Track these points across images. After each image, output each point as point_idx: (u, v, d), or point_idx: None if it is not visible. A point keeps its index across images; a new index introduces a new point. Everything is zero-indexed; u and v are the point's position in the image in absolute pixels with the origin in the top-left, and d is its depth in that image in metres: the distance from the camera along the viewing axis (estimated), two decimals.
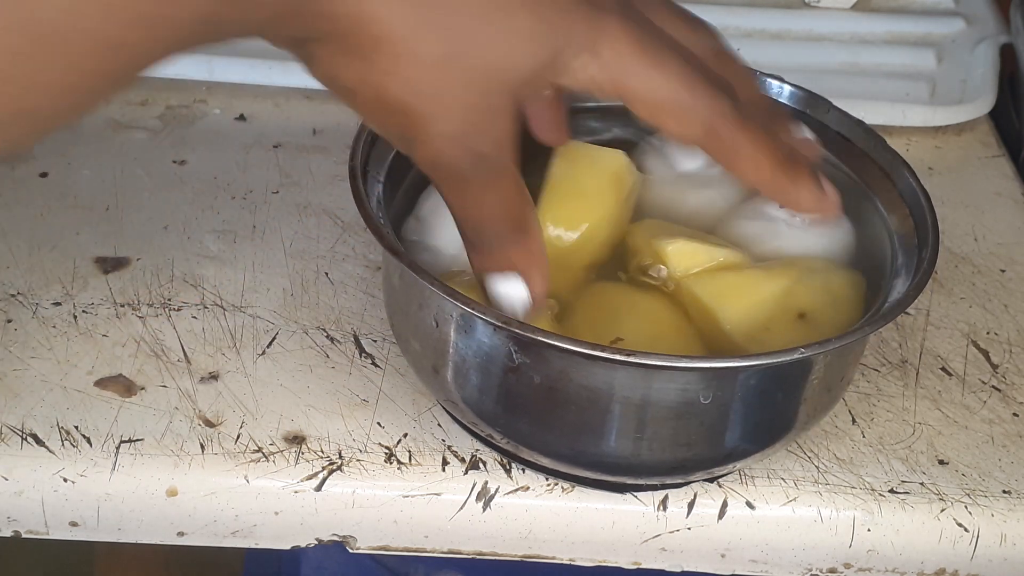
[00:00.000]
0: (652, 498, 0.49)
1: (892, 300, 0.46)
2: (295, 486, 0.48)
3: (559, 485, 0.49)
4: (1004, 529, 0.49)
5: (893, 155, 0.51)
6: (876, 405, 0.53)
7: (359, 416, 0.51)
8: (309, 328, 0.55)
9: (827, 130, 0.54)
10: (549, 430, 0.45)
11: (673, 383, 0.43)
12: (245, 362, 0.53)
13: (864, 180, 0.52)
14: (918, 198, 0.49)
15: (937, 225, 0.48)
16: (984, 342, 0.57)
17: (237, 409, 0.51)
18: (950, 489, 0.50)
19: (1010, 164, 0.70)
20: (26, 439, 0.49)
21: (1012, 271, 0.62)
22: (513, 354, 0.44)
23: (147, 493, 0.48)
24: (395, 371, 0.53)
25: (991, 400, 0.54)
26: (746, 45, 0.77)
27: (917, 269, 0.46)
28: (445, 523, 0.49)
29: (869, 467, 0.51)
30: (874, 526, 0.49)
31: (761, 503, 0.49)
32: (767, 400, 0.45)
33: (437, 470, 0.49)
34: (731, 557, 0.50)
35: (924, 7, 0.83)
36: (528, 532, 0.49)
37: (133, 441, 0.49)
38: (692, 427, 0.44)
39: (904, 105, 0.71)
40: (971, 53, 0.77)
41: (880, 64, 0.76)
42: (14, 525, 0.49)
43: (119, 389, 0.51)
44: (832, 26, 0.80)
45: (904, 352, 0.56)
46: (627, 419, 0.44)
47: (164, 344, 0.53)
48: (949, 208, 0.66)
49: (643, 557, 0.50)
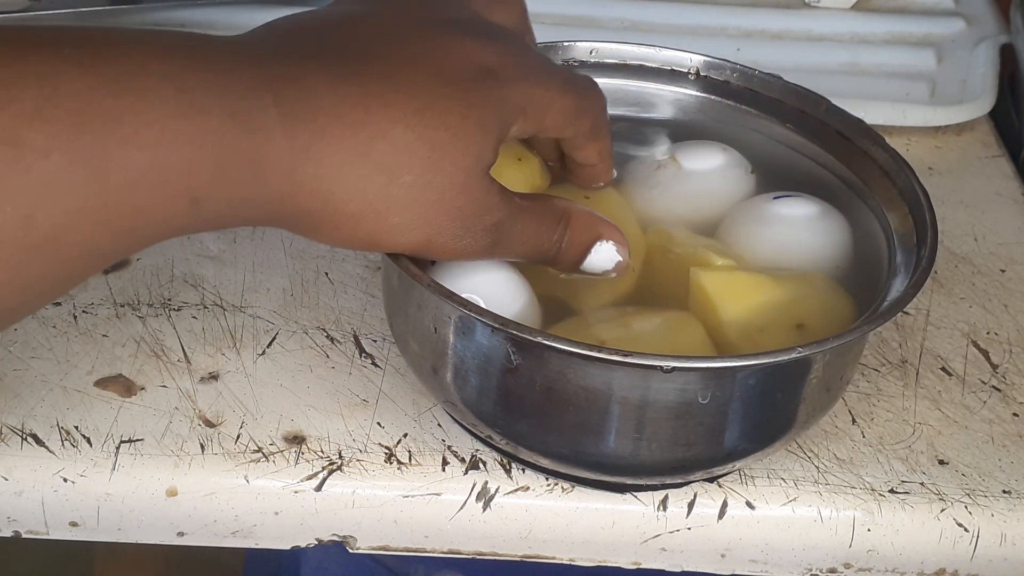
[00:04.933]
0: (652, 498, 0.49)
1: (891, 299, 0.46)
2: (295, 486, 0.48)
3: (559, 485, 0.49)
4: (1004, 529, 0.49)
5: (892, 153, 0.51)
6: (876, 405, 0.53)
7: (359, 416, 0.51)
8: (309, 328, 0.55)
9: (825, 128, 0.54)
10: (548, 431, 0.45)
11: (672, 383, 0.43)
12: (245, 362, 0.53)
13: (862, 178, 0.52)
14: (917, 196, 0.49)
15: (936, 224, 0.48)
16: (984, 342, 0.57)
17: (237, 409, 0.51)
18: (950, 489, 0.50)
19: (1010, 164, 0.70)
20: (26, 439, 0.49)
21: (1012, 271, 0.62)
22: (511, 355, 0.43)
23: (147, 493, 0.48)
24: (395, 371, 0.53)
25: (991, 400, 0.54)
26: (746, 45, 0.77)
27: (916, 268, 0.46)
28: (445, 523, 0.49)
29: (869, 467, 0.51)
30: (874, 526, 0.49)
31: (761, 503, 0.49)
32: (766, 400, 0.45)
33: (437, 470, 0.49)
34: (731, 557, 0.50)
35: (924, 7, 0.83)
36: (528, 532, 0.49)
37: (133, 441, 0.49)
38: (691, 427, 0.44)
39: (904, 105, 0.71)
40: (971, 53, 0.77)
41: (880, 64, 0.76)
42: (14, 525, 0.49)
43: (119, 389, 0.51)
44: (832, 26, 0.80)
45: (904, 352, 0.56)
46: (627, 419, 0.44)
47: (164, 344, 0.53)
48: (949, 208, 0.66)
49: (643, 557, 0.50)
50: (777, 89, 0.55)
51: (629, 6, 0.80)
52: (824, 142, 0.54)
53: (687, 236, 0.51)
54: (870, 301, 0.47)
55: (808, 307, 0.48)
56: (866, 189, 0.52)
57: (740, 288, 0.48)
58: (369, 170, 0.39)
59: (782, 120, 0.55)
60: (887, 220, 0.51)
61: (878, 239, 0.51)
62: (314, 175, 0.38)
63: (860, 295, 0.49)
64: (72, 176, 0.33)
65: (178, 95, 0.35)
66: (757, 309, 0.47)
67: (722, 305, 0.47)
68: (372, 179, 0.39)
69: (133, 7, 0.75)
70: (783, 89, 0.55)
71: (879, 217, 0.51)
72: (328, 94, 0.38)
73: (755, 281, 0.48)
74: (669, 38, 0.59)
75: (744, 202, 0.53)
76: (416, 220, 0.40)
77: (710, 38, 0.78)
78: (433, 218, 0.41)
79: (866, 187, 0.52)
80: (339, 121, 0.38)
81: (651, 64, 0.56)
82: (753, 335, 0.47)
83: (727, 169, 0.54)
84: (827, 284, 0.50)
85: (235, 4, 0.77)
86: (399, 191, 0.39)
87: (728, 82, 0.56)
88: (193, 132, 0.35)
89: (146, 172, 0.35)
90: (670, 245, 0.51)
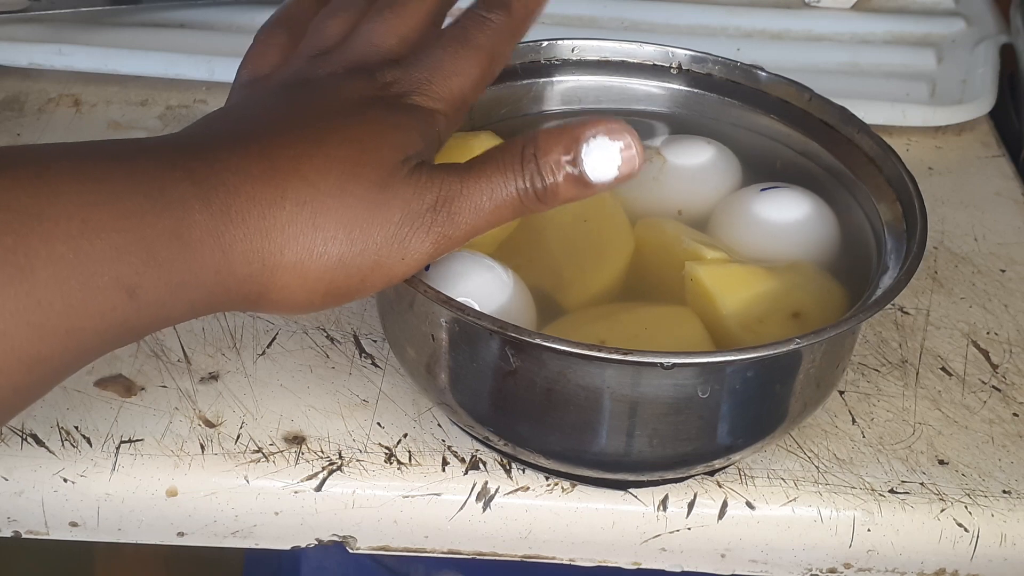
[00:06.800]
0: (652, 498, 0.49)
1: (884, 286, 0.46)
2: (295, 486, 0.48)
3: (559, 485, 0.49)
4: (1004, 529, 0.49)
5: (877, 140, 0.51)
6: (876, 405, 0.53)
7: (359, 416, 0.51)
8: (309, 328, 0.55)
9: (809, 118, 0.54)
10: (549, 431, 0.45)
11: (670, 379, 0.43)
12: (245, 362, 0.53)
13: (849, 167, 0.52)
14: (905, 183, 0.49)
15: (925, 210, 0.48)
16: (984, 342, 0.57)
17: (237, 409, 0.51)
18: (950, 489, 0.50)
19: (1010, 164, 0.70)
20: (26, 439, 0.49)
21: (1012, 271, 0.62)
22: (510, 358, 0.43)
23: (147, 493, 0.48)
24: (395, 371, 0.53)
25: (991, 400, 0.54)
26: (746, 45, 0.77)
27: (907, 256, 0.46)
28: (445, 523, 0.49)
29: (869, 467, 0.51)
30: (874, 526, 0.49)
31: (761, 503, 0.49)
32: (766, 391, 0.45)
33: (437, 470, 0.49)
34: (731, 557, 0.50)
35: (924, 7, 0.83)
36: (528, 532, 0.49)
37: (133, 441, 0.49)
38: (692, 421, 0.45)
39: (904, 105, 0.71)
40: (971, 53, 0.77)
41: (880, 64, 0.76)
42: (14, 525, 0.49)
43: (119, 389, 0.51)
44: (832, 26, 0.80)
45: (904, 352, 0.56)
46: (629, 417, 0.44)
47: (164, 344, 0.53)
48: (949, 208, 0.66)
49: (643, 557, 0.50)
50: (760, 80, 0.55)
51: (629, 6, 0.80)
52: (810, 132, 0.54)
53: (677, 229, 0.51)
54: (860, 288, 0.47)
55: (803, 296, 0.48)
56: (853, 177, 0.52)
57: (737, 280, 0.48)
58: (290, 211, 0.39)
59: (767, 111, 0.55)
60: (875, 208, 0.51)
61: (866, 227, 0.51)
62: (242, 237, 0.38)
63: (850, 282, 0.49)
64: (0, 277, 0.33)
65: (93, 185, 0.35)
66: (755, 300, 0.47)
67: (721, 298, 0.47)
68: (295, 219, 0.39)
69: (133, 7, 0.75)
70: (766, 80, 0.55)
71: (866, 205, 0.51)
72: (231, 155, 0.39)
73: (751, 272, 0.48)
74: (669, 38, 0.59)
75: (732, 194, 0.53)
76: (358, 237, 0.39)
77: (710, 38, 0.78)
78: (371, 228, 0.39)
79: (853, 175, 0.52)
80: (248, 176, 0.38)
81: (634, 60, 0.56)
82: (753, 326, 0.47)
83: (713, 163, 0.54)
84: (818, 273, 0.50)
85: (235, 4, 0.77)
86: (326, 219, 0.39)
87: (711, 75, 0.56)
88: (113, 218, 0.35)
89: (74, 264, 0.34)
90: (660, 238, 0.51)
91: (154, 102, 0.70)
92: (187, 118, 0.68)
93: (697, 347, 0.46)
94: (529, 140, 0.41)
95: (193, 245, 0.37)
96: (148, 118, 0.68)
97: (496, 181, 0.41)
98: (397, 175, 0.40)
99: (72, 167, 0.36)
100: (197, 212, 0.37)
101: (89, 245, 0.35)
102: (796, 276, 0.49)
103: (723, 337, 0.47)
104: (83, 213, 0.35)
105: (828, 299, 0.49)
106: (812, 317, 0.47)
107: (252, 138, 0.40)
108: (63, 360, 0.36)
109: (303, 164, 0.39)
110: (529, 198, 0.41)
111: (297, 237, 0.39)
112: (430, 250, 0.41)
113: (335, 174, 0.39)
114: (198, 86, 0.71)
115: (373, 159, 0.40)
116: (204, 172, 0.38)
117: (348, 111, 0.41)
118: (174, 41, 0.73)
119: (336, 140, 0.40)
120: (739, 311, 0.47)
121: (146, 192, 0.36)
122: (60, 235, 0.34)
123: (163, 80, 0.70)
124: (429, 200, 0.40)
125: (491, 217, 0.41)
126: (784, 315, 0.47)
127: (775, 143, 0.55)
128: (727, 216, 0.52)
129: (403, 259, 0.40)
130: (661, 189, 0.53)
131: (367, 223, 0.39)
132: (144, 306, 0.36)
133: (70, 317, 0.35)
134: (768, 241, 0.51)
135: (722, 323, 0.47)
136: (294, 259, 0.39)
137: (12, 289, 0.33)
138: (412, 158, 0.41)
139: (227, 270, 0.38)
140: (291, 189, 0.39)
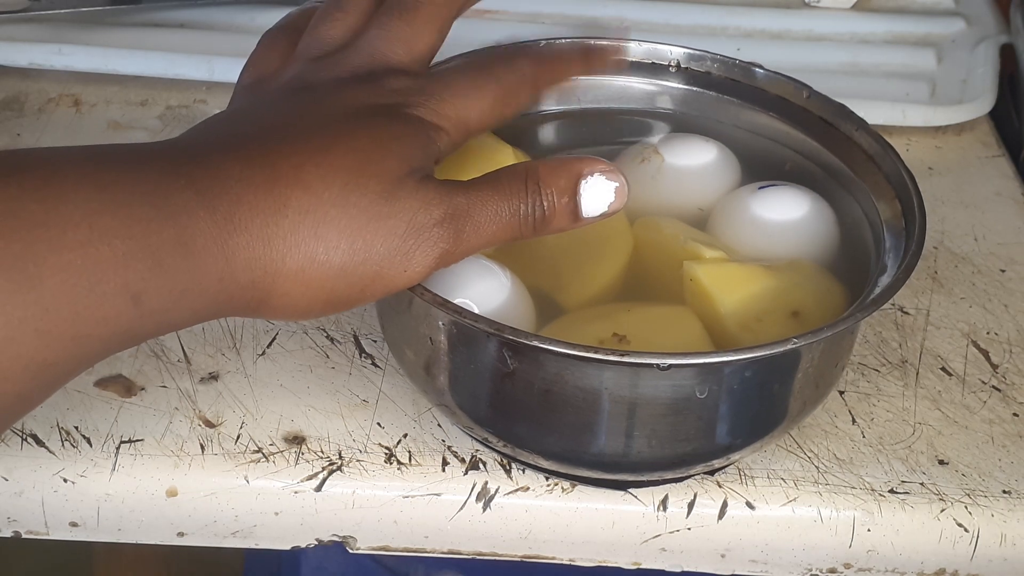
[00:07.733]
0: (652, 498, 0.49)
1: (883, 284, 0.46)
2: (295, 486, 0.48)
3: (559, 485, 0.49)
4: (1004, 529, 0.49)
5: (876, 137, 0.51)
6: (876, 405, 0.53)
7: (359, 416, 0.51)
8: (309, 328, 0.55)
9: (808, 116, 0.54)
10: (548, 432, 0.45)
11: (668, 380, 0.43)
12: (245, 362, 0.53)
13: (848, 164, 0.52)
14: (904, 180, 0.49)
15: (924, 207, 0.48)
16: (984, 342, 0.57)
17: (237, 409, 0.51)
18: (950, 489, 0.50)
19: (1010, 164, 0.70)
20: (26, 439, 0.49)
21: (1012, 271, 0.62)
22: (508, 360, 0.43)
23: (147, 493, 0.48)
24: (395, 371, 0.53)
25: (991, 400, 0.54)
26: (746, 45, 0.77)
27: (905, 254, 0.46)
28: (445, 523, 0.49)
29: (869, 467, 0.51)
30: (874, 526, 0.49)
31: (761, 503, 0.49)
32: (764, 391, 0.45)
33: (437, 470, 0.49)
34: (731, 557, 0.50)
35: (924, 7, 0.83)
36: (528, 532, 0.49)
37: (133, 441, 0.49)
38: (691, 422, 0.45)
39: (904, 105, 0.71)
40: (971, 53, 0.77)
41: (880, 64, 0.76)
42: (14, 525, 0.49)
43: (119, 389, 0.51)
44: (832, 26, 0.80)
45: (904, 352, 0.56)
46: (627, 418, 0.44)
47: (164, 344, 0.53)
48: (949, 208, 0.66)
49: (643, 557, 0.50)
50: (758, 78, 0.55)
51: (629, 6, 0.80)
52: (808, 129, 0.54)
53: (675, 228, 0.51)
54: (859, 286, 0.47)
55: (802, 294, 0.48)
56: (852, 175, 0.52)
57: (736, 279, 0.48)
58: (292, 220, 0.39)
59: (765, 109, 0.55)
60: (874, 206, 0.51)
61: (864, 225, 0.51)
62: (245, 244, 0.38)
63: (849, 281, 0.49)
64: (7, 285, 0.33)
65: (99, 192, 0.36)
66: (754, 299, 0.47)
67: (719, 297, 0.47)
68: (298, 227, 0.39)
69: (133, 7, 0.75)
70: (764, 78, 0.55)
71: (865, 203, 0.51)
72: (235, 163, 0.39)
73: (749, 271, 0.48)
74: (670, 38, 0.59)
75: (730, 193, 0.53)
76: (361, 247, 0.39)
77: (710, 38, 0.78)
78: (374, 239, 0.40)
79: (852, 173, 0.52)
80: (251, 185, 0.38)
81: (632, 58, 0.56)
82: (752, 325, 0.47)
83: (711, 161, 0.54)
84: (817, 271, 0.50)
85: (235, 4, 0.77)
86: (328, 229, 0.39)
87: (709, 73, 0.56)
88: (120, 225, 0.35)
89: (81, 271, 0.35)
90: (659, 238, 0.51)
91: (154, 102, 0.70)
92: (187, 118, 0.68)
93: (696, 346, 0.46)
94: (532, 169, 0.43)
95: (197, 253, 0.37)
96: (148, 118, 0.68)
97: (500, 203, 0.42)
98: (403, 187, 0.40)
99: (77, 173, 0.36)
100: (202, 220, 0.37)
101: (96, 252, 0.35)
102: (795, 275, 0.49)
103: (722, 336, 0.47)
104: (89, 220, 0.35)
105: (827, 297, 0.49)
106: (811, 316, 0.47)
107: (255, 145, 0.40)
108: (67, 366, 0.36)
109: (306, 173, 0.39)
110: (527, 224, 0.42)
111: (299, 245, 0.39)
112: (432, 264, 0.41)
113: (338, 184, 0.39)
114: (198, 86, 0.71)
115: (377, 170, 0.40)
116: (208, 181, 0.38)
117: (352, 118, 0.41)
118: (174, 41, 0.73)
119: (340, 149, 0.40)
120: (738, 310, 0.47)
121: (151, 200, 0.36)
122: (68, 242, 0.34)
123: (163, 80, 0.70)
124: (437, 215, 0.41)
125: (491, 238, 0.42)
126: (783, 314, 0.47)
127: (774, 141, 0.55)
128: (725, 215, 0.52)
129: (405, 271, 0.41)
130: (659, 188, 0.53)
131: (370, 234, 0.40)
132: (148, 313, 0.36)
133: (76, 324, 0.35)
134: (767, 240, 0.51)
135: (721, 322, 0.47)
136: (296, 267, 0.39)
137: (20, 296, 0.34)
138: (417, 171, 0.41)
139: (230, 277, 0.38)
140: (294, 198, 0.39)
